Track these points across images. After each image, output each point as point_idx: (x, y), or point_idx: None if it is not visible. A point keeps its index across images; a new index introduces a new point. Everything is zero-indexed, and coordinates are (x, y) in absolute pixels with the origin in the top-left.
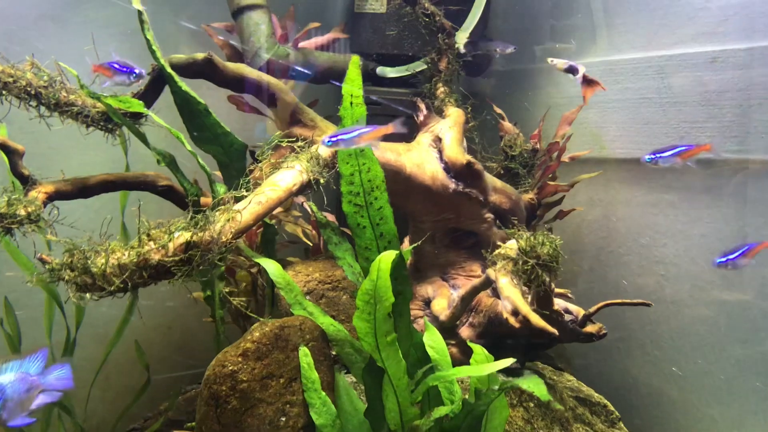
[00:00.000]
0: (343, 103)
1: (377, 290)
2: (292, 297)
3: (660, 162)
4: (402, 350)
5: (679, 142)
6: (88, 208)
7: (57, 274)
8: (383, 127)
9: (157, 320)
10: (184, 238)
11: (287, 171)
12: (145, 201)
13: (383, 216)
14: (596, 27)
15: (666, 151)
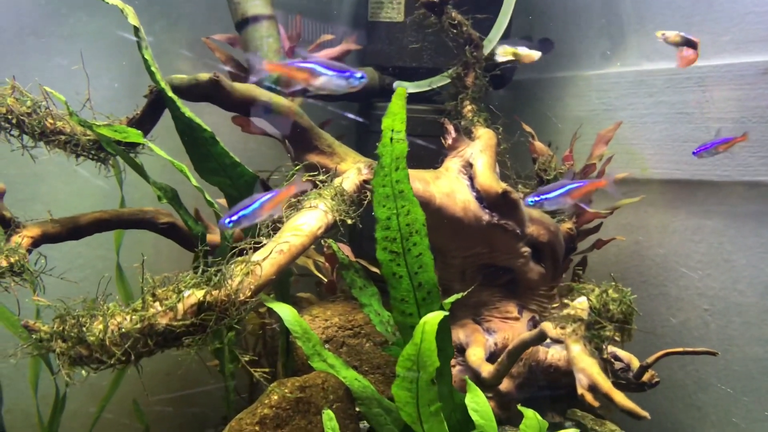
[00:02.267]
0: (382, 139)
1: (421, 355)
2: (310, 347)
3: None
4: (443, 414)
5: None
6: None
7: (46, 345)
8: (284, 190)
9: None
10: (196, 298)
11: (310, 212)
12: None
13: (422, 264)
14: (625, 34)
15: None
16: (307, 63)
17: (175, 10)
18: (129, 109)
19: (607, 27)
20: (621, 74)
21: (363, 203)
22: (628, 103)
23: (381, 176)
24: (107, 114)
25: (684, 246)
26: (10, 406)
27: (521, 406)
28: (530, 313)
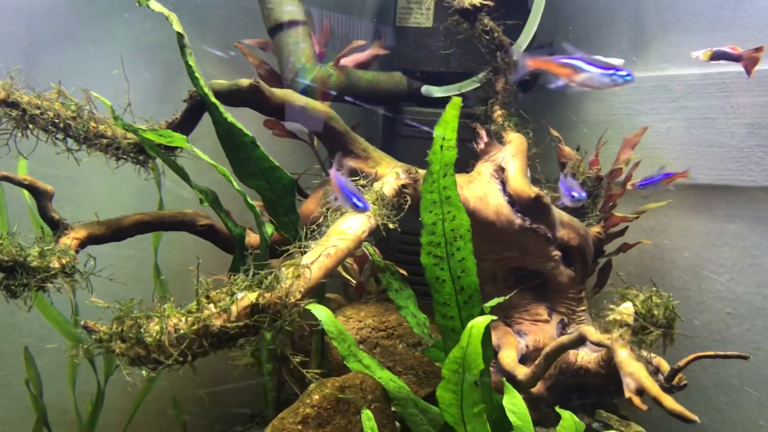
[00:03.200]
0: (433, 146)
1: (467, 358)
2: (345, 348)
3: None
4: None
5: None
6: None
7: (106, 345)
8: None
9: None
10: (249, 301)
11: (354, 216)
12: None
13: (465, 268)
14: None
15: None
16: (571, 59)
17: (204, 16)
18: (159, 113)
19: (629, 32)
20: (643, 79)
21: (403, 207)
22: (651, 108)
23: (429, 182)
24: (146, 118)
25: (707, 250)
26: (49, 403)
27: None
28: (559, 316)
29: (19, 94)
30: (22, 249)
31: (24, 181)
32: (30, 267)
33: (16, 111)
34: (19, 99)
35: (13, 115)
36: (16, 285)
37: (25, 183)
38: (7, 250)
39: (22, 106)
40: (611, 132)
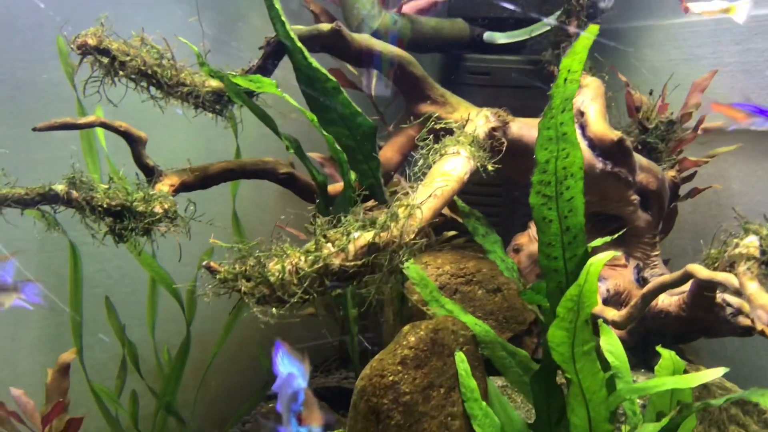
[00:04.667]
0: (557, 80)
1: (582, 296)
2: (427, 293)
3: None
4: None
5: None
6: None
7: (231, 284)
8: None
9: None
10: (365, 240)
11: (455, 158)
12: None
13: (573, 207)
14: None
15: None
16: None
17: None
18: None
19: None
20: (702, 22)
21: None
22: (711, 52)
23: (548, 118)
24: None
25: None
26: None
27: (658, 347)
28: (635, 261)
29: (108, 41)
30: (128, 194)
31: (120, 127)
32: (137, 211)
33: (106, 58)
34: (109, 46)
35: (104, 63)
36: (125, 229)
37: (120, 129)
38: (115, 194)
39: (113, 53)
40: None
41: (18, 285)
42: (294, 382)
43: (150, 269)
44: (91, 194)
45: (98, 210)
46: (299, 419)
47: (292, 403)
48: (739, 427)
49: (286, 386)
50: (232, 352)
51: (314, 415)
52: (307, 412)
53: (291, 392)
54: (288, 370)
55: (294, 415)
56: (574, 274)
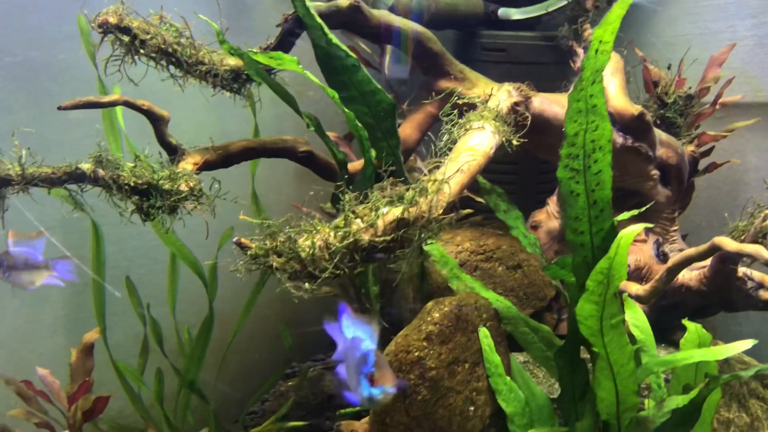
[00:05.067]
0: (588, 51)
1: (613, 268)
2: (448, 270)
3: None
4: None
5: None
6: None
7: (262, 260)
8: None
9: (267, 294)
10: (394, 215)
11: (480, 133)
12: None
13: (600, 181)
14: None
15: None
16: None
17: None
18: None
19: None
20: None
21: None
22: (727, 26)
23: (578, 90)
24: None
25: None
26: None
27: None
28: (655, 236)
29: (129, 19)
30: (154, 172)
31: (142, 106)
32: (163, 190)
33: (127, 36)
34: (130, 24)
35: (125, 41)
36: (152, 207)
37: (143, 108)
38: (141, 173)
39: (133, 32)
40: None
41: (49, 263)
42: (362, 344)
43: (173, 246)
44: (117, 173)
45: (125, 188)
46: (371, 381)
47: (362, 365)
48: (759, 401)
49: (353, 350)
50: (250, 332)
51: (387, 376)
52: (379, 374)
53: (359, 355)
54: (353, 334)
55: (365, 378)
56: (600, 248)
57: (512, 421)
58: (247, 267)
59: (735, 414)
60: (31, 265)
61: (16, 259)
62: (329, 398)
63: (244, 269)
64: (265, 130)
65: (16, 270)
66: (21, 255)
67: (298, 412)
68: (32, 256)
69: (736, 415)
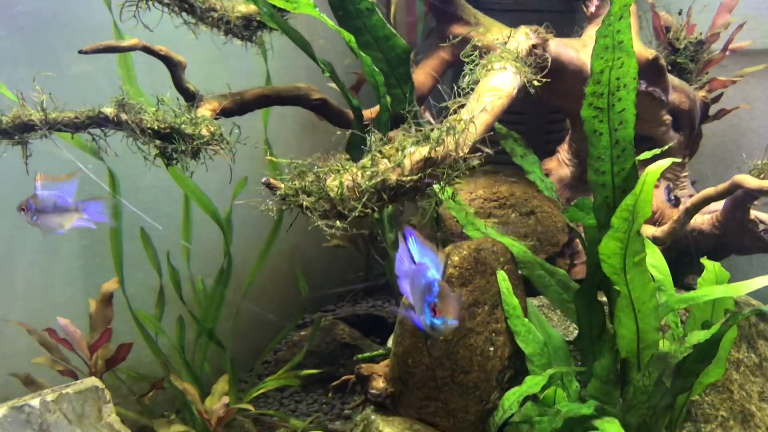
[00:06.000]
0: None
1: (638, 205)
2: (463, 217)
3: None
4: None
5: None
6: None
7: (293, 200)
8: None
9: (278, 246)
10: (421, 155)
11: (502, 73)
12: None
13: (623, 120)
14: None
15: None
16: None
17: None
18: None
19: None
20: None
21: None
22: None
23: (605, 26)
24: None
25: None
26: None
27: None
28: (666, 182)
29: None
30: (176, 116)
31: (160, 51)
32: (185, 134)
33: None
34: None
35: None
36: (175, 151)
37: (161, 54)
38: (164, 117)
39: None
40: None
41: (79, 205)
42: (428, 272)
43: (189, 190)
44: (140, 117)
45: (148, 132)
46: (434, 311)
47: (427, 294)
48: (766, 342)
49: (420, 275)
50: (262, 285)
51: (450, 308)
52: (443, 305)
53: (425, 283)
54: (421, 260)
55: (428, 306)
56: (621, 188)
57: (531, 361)
58: (277, 207)
59: (744, 354)
60: (61, 208)
61: (45, 203)
62: (342, 347)
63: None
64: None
65: (45, 213)
66: (50, 198)
67: (312, 361)
68: (61, 199)
69: (746, 356)
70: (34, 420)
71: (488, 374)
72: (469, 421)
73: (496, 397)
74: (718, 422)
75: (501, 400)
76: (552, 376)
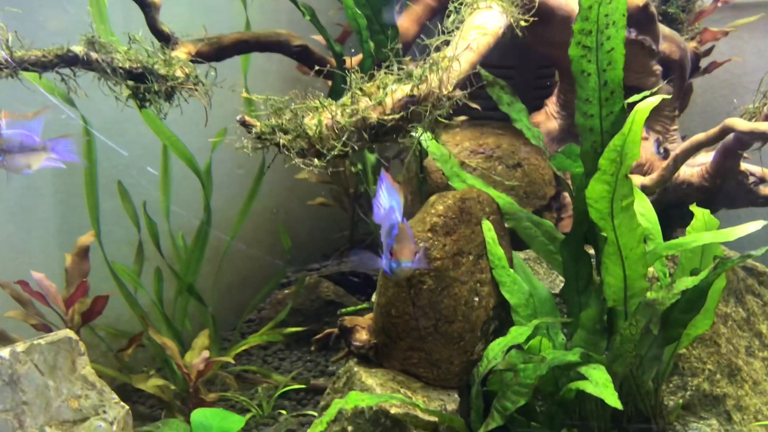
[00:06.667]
0: None
1: (626, 146)
2: (448, 169)
3: None
4: None
5: None
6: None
7: (269, 137)
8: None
9: (261, 203)
10: (403, 93)
11: (488, 12)
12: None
13: (612, 60)
14: None
15: None
16: None
17: None
18: None
19: None
20: None
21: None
22: None
23: None
24: None
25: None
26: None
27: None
28: (655, 134)
29: None
30: (149, 56)
31: None
32: (158, 74)
33: None
34: None
35: None
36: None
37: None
38: (136, 56)
39: None
40: None
41: (47, 144)
42: (393, 215)
43: (165, 138)
44: (111, 56)
45: (119, 72)
46: (392, 253)
47: (388, 237)
48: (755, 297)
49: (385, 219)
50: (244, 242)
51: (405, 251)
52: (398, 247)
53: (388, 226)
54: (388, 203)
55: (389, 249)
56: (609, 133)
57: (516, 311)
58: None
59: (732, 309)
60: (28, 147)
61: (11, 142)
62: (327, 304)
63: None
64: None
65: (11, 154)
66: (16, 137)
67: (296, 319)
68: (28, 138)
69: (734, 310)
70: (3, 371)
71: (473, 324)
72: (453, 372)
73: (481, 349)
74: (705, 376)
75: (485, 351)
76: (537, 327)
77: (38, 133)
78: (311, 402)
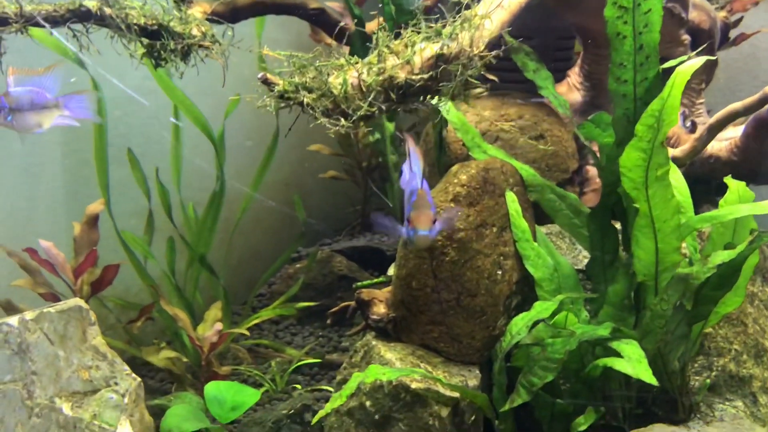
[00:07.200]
0: None
1: (664, 111)
2: (469, 139)
3: None
4: None
5: None
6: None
7: (292, 96)
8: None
9: (273, 176)
10: (432, 51)
11: None
12: None
13: (649, 22)
14: None
15: None
16: None
17: None
18: None
19: None
20: None
21: None
22: None
23: None
24: None
25: None
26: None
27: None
28: (682, 107)
29: None
30: (165, 13)
31: None
32: (174, 32)
33: None
34: None
35: None
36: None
37: None
38: (152, 13)
39: None
40: None
41: (60, 101)
42: (414, 181)
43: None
44: (125, 11)
45: (134, 29)
46: (409, 221)
47: (407, 204)
48: None
49: (407, 185)
50: (256, 215)
51: (422, 217)
52: (415, 215)
53: (408, 192)
54: (413, 169)
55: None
56: (643, 100)
57: (540, 286)
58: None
59: (759, 288)
60: (39, 105)
61: (20, 100)
62: (339, 279)
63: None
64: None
65: (21, 112)
66: (26, 94)
67: (308, 293)
68: (39, 95)
69: (760, 290)
70: (12, 340)
71: (496, 298)
72: (474, 347)
73: (503, 324)
74: (731, 356)
75: (509, 326)
76: (562, 302)
77: (54, 90)
78: (325, 377)
